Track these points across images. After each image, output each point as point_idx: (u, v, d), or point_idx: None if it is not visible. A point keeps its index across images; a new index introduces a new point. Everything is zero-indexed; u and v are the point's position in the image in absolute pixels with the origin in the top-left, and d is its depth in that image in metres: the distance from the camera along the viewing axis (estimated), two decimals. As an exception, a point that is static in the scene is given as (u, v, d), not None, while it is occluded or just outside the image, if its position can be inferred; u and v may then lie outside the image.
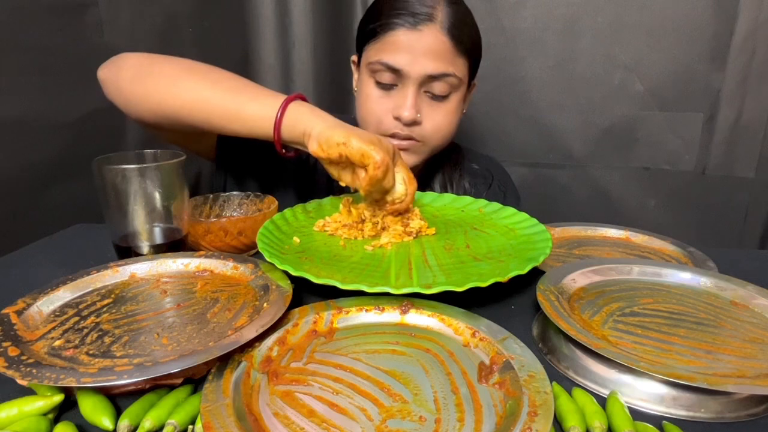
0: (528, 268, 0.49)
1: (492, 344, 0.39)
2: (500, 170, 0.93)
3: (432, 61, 0.70)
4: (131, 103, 0.66)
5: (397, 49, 0.71)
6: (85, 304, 0.45)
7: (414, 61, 0.70)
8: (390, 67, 0.71)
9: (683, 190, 1.21)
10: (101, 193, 0.53)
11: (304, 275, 0.46)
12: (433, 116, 0.74)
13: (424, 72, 0.70)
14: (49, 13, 0.82)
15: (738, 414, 0.36)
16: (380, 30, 0.72)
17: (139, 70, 0.66)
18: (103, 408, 0.34)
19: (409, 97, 0.72)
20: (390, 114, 0.74)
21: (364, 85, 0.76)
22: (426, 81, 0.72)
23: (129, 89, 0.65)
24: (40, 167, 0.83)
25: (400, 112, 0.72)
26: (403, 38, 0.70)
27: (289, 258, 0.52)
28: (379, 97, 0.74)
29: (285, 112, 0.60)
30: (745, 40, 1.08)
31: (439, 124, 0.75)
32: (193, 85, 0.63)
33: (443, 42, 0.70)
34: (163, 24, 1.05)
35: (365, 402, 0.34)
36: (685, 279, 0.52)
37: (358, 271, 0.50)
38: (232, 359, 0.37)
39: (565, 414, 0.34)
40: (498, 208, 0.68)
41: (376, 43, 0.73)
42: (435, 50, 0.70)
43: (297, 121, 0.60)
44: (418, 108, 0.73)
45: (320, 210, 0.68)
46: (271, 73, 1.26)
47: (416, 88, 0.72)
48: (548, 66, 1.21)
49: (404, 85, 0.72)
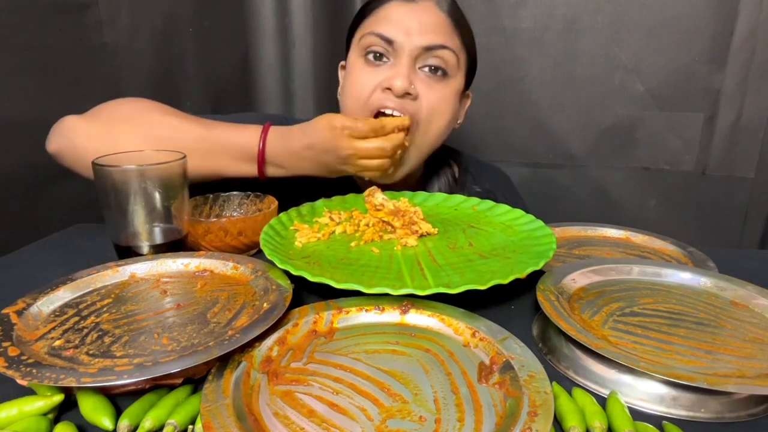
0: (542, 264, 0.49)
1: (492, 344, 0.39)
2: (504, 183, 0.90)
3: (428, 33, 0.67)
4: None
5: (390, 21, 0.67)
6: (85, 304, 0.45)
7: (409, 32, 0.67)
8: (383, 37, 0.67)
9: (683, 190, 1.21)
10: (101, 193, 0.53)
11: (324, 280, 0.45)
12: (429, 94, 0.68)
13: (420, 43, 0.66)
14: (49, 13, 0.83)
15: (738, 414, 0.36)
16: (373, 6, 0.70)
17: (102, 146, 0.58)
18: (103, 408, 0.34)
19: (402, 67, 0.67)
20: (379, 88, 0.68)
21: (353, 68, 0.71)
22: (421, 54, 0.67)
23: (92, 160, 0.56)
24: (40, 167, 0.83)
25: (392, 81, 0.66)
26: (399, 9, 0.68)
27: (297, 263, 0.51)
28: (369, 72, 0.69)
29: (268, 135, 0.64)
30: (745, 40, 1.08)
31: (434, 104, 0.69)
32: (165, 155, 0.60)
33: (440, 17, 0.68)
34: (163, 24, 1.05)
35: (365, 402, 0.34)
36: (685, 279, 0.52)
37: (370, 274, 0.50)
38: (232, 359, 0.37)
39: (565, 414, 0.34)
40: (491, 205, 0.69)
41: (370, 18, 0.70)
42: (431, 23, 0.67)
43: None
44: (412, 80, 0.67)
45: (313, 212, 0.67)
46: (271, 73, 1.26)
47: (410, 62, 0.67)
48: (548, 66, 1.21)
49: (397, 58, 0.68)
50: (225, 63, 1.21)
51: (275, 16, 1.22)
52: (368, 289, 0.44)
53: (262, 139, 0.64)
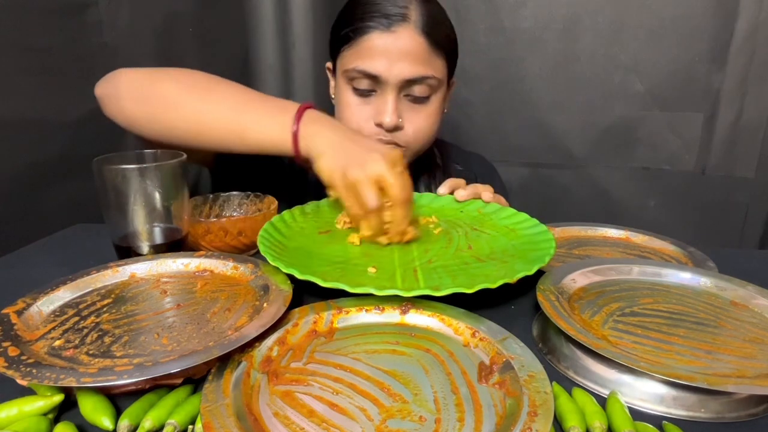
0: (535, 269, 0.49)
1: (492, 344, 0.39)
2: (485, 167, 0.92)
3: (410, 65, 0.68)
4: (134, 125, 0.64)
5: (372, 55, 0.69)
6: (85, 304, 0.45)
7: (391, 65, 0.68)
8: (367, 74, 0.69)
9: (683, 190, 1.21)
10: (101, 193, 0.53)
11: (311, 278, 0.45)
12: (414, 120, 0.73)
13: (403, 76, 0.69)
14: (49, 13, 0.83)
15: (738, 414, 0.36)
16: (354, 34, 0.70)
17: (140, 91, 0.64)
18: (103, 408, 0.34)
19: (389, 103, 0.70)
20: (371, 121, 0.72)
21: (342, 94, 0.74)
22: (405, 85, 0.70)
23: (131, 110, 0.63)
24: (40, 167, 0.83)
25: (382, 118, 0.70)
26: (378, 42, 0.68)
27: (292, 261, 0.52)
28: (358, 104, 0.73)
29: (298, 135, 0.59)
30: (745, 40, 1.08)
31: (420, 128, 0.73)
32: (198, 107, 0.61)
33: (419, 43, 0.69)
34: (163, 24, 1.05)
35: (365, 402, 0.34)
36: (685, 279, 0.52)
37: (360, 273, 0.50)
38: (232, 359, 0.37)
39: (565, 414, 0.34)
40: (497, 208, 0.68)
41: (351, 48, 0.71)
42: (412, 52, 0.69)
43: (307, 145, 0.59)
44: (399, 113, 0.71)
45: (318, 212, 0.68)
46: (271, 73, 1.26)
47: (396, 93, 0.70)
48: (548, 66, 1.21)
49: (383, 90, 0.70)
50: (225, 63, 1.21)
51: (275, 16, 1.22)
52: (353, 289, 0.44)
53: (307, 107, 0.61)
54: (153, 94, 0.63)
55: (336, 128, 0.60)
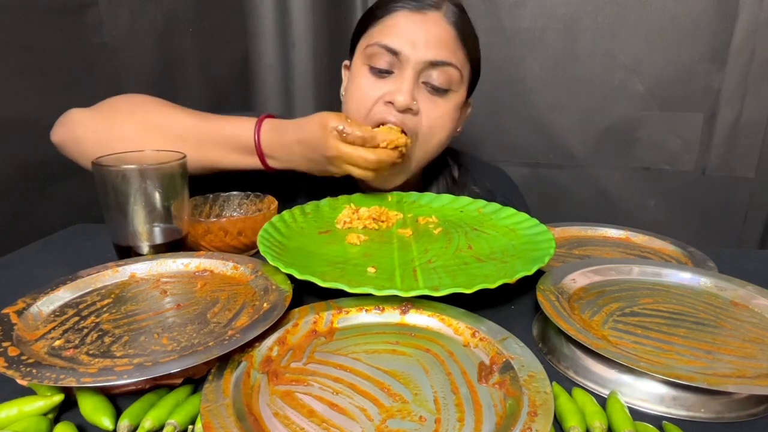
0: (534, 269, 0.49)
1: (492, 344, 0.39)
2: (506, 185, 0.88)
3: (434, 48, 0.66)
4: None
5: (398, 32, 0.67)
6: (85, 304, 0.45)
7: (415, 45, 0.66)
8: (389, 48, 0.66)
9: (683, 190, 1.21)
10: (101, 193, 0.53)
11: (309, 278, 0.45)
12: (429, 111, 0.69)
13: (425, 58, 0.66)
14: (49, 13, 0.83)
15: (738, 414, 0.36)
16: (381, 13, 0.69)
17: (99, 134, 0.63)
18: (103, 408, 0.34)
19: (406, 81, 0.66)
20: (382, 100, 0.68)
21: (357, 74, 0.71)
22: (426, 69, 0.67)
23: (93, 153, 0.56)
24: (40, 167, 0.83)
25: (395, 96, 0.66)
26: (406, 20, 0.67)
27: (292, 261, 0.52)
28: (372, 84, 0.69)
29: (265, 161, 0.66)
30: (745, 40, 1.08)
31: (435, 121, 0.69)
32: (162, 147, 0.60)
33: (446, 30, 0.67)
34: (163, 24, 1.05)
35: (365, 402, 0.34)
36: (685, 279, 0.52)
37: (359, 273, 0.50)
38: (232, 359, 0.37)
39: (565, 414, 0.34)
40: (497, 208, 0.68)
41: (376, 26, 0.69)
42: (437, 36, 0.67)
43: (276, 161, 0.66)
44: (415, 96, 0.67)
45: (318, 212, 0.68)
46: (271, 73, 1.26)
47: (414, 76, 0.67)
48: (548, 66, 1.21)
49: (402, 71, 0.67)
50: (225, 63, 1.21)
51: (275, 16, 1.22)
52: (352, 289, 0.44)
53: (256, 130, 0.64)
54: (113, 137, 0.63)
55: (293, 144, 0.64)
